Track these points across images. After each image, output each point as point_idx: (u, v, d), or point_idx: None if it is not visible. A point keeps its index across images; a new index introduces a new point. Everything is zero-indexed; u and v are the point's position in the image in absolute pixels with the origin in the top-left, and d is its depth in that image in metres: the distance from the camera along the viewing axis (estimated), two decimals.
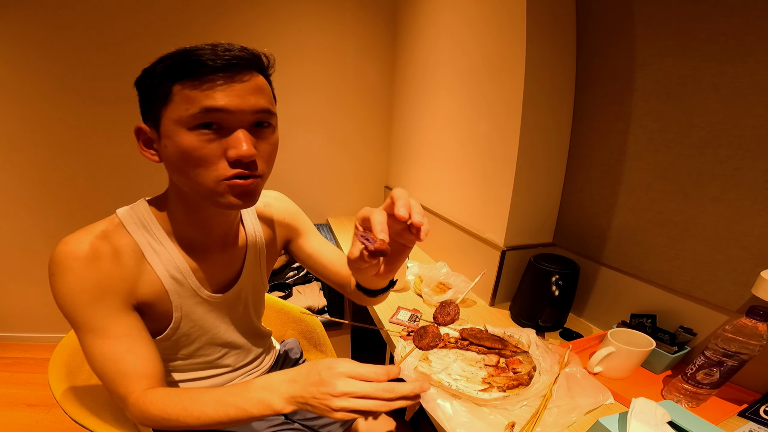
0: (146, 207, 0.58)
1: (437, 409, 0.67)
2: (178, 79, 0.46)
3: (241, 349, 0.74)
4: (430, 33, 1.41)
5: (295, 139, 1.82)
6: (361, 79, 1.81)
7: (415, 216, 0.43)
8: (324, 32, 1.69)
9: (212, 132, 0.47)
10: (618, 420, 0.60)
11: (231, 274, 0.68)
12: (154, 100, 0.49)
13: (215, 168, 0.49)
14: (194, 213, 0.58)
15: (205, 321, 0.65)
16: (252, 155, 0.48)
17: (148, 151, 0.53)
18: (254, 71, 0.50)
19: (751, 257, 0.72)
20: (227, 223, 0.63)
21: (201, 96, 0.46)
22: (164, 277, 0.57)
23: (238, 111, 0.47)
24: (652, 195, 0.88)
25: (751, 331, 0.64)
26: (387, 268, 0.53)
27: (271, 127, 0.53)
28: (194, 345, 0.66)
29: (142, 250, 0.56)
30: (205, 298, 0.63)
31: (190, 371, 0.69)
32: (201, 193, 0.51)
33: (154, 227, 0.57)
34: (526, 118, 0.94)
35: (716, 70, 0.73)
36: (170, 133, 0.48)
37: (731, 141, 0.73)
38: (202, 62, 0.45)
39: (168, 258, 0.58)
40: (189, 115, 0.46)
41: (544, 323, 0.96)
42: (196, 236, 0.60)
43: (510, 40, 0.96)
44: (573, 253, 1.07)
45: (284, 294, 1.50)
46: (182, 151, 0.48)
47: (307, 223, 0.80)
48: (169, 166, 0.52)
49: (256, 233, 0.71)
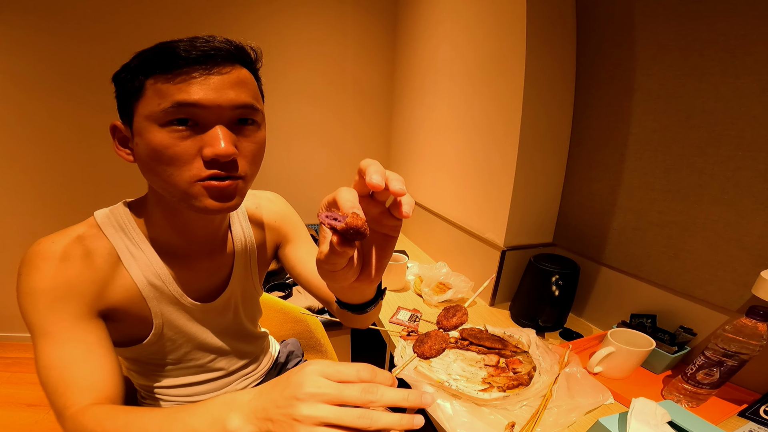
0: (125, 210, 0.56)
1: (437, 409, 0.67)
2: (152, 72, 0.43)
3: (233, 354, 0.71)
4: (430, 35, 1.41)
5: (293, 142, 1.82)
6: (360, 81, 1.81)
7: (394, 184, 0.32)
8: (323, 35, 1.69)
9: (187, 129, 0.44)
10: (618, 420, 0.60)
11: (218, 281, 0.64)
12: (127, 96, 0.46)
13: (188, 168, 0.45)
14: (173, 217, 0.54)
15: (189, 328, 0.62)
16: (230, 154, 0.45)
17: (123, 150, 0.50)
18: (236, 64, 0.46)
19: (751, 257, 0.72)
20: (211, 228, 0.59)
21: (173, 90, 0.43)
22: (141, 282, 0.54)
23: (214, 106, 0.44)
24: (653, 195, 0.88)
25: (751, 331, 0.64)
26: (368, 270, 0.40)
27: (256, 124, 0.49)
28: (182, 350, 0.63)
29: (118, 253, 0.53)
30: (189, 306, 0.60)
31: (182, 376, 0.67)
32: (174, 195, 0.47)
33: (133, 231, 0.55)
34: (525, 119, 0.94)
35: (716, 70, 0.73)
36: (141, 130, 0.45)
37: (731, 141, 0.73)
38: (176, 53, 0.42)
39: (146, 263, 0.55)
40: (160, 110, 0.43)
41: (544, 323, 0.96)
42: (178, 242, 0.57)
43: (510, 40, 0.95)
44: (573, 253, 1.07)
45: (284, 294, 1.50)
46: (152, 149, 0.44)
47: (298, 230, 0.73)
48: (141, 166, 0.49)
49: (246, 237, 0.66)
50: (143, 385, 0.67)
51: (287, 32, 1.65)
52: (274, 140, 1.75)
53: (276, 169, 1.84)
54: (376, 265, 0.40)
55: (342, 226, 0.30)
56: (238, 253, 0.65)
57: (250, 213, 0.68)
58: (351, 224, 0.30)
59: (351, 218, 0.30)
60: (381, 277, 0.42)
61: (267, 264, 0.73)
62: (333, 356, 1.03)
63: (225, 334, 0.68)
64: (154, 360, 0.63)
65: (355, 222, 0.30)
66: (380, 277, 0.42)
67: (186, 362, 0.65)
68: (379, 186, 0.31)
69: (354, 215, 0.30)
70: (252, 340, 0.76)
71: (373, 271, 0.40)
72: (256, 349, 0.78)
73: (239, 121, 0.47)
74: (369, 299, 0.50)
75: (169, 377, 0.66)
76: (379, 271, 0.40)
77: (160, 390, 0.66)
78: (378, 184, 0.31)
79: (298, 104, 1.77)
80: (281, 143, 1.80)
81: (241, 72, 0.46)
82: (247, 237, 0.66)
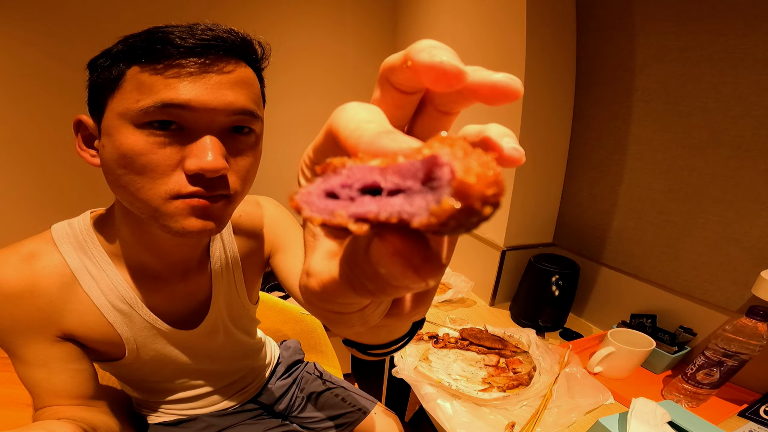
0: (87, 223, 0.49)
1: (437, 409, 0.67)
2: (136, 60, 0.36)
3: (227, 369, 0.66)
4: (431, 33, 1.41)
5: (291, 141, 1.82)
6: (361, 79, 1.80)
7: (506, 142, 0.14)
8: (323, 31, 1.68)
9: (168, 133, 0.37)
10: (618, 420, 0.60)
11: (197, 304, 0.57)
12: (101, 86, 0.38)
13: (165, 181, 0.37)
14: (143, 233, 0.46)
15: (170, 352, 0.55)
16: (219, 169, 0.37)
17: (87, 150, 0.43)
18: (240, 60, 0.39)
19: (751, 257, 0.72)
20: (188, 247, 0.50)
21: (161, 85, 0.35)
22: (104, 306, 0.48)
23: (206, 110, 0.36)
24: (652, 195, 0.88)
25: (751, 331, 0.64)
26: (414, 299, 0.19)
27: (253, 134, 0.42)
28: (166, 370, 0.58)
29: (75, 274, 0.46)
30: (166, 332, 0.53)
31: (174, 393, 0.62)
32: (143, 212, 0.39)
33: (94, 248, 0.47)
34: (525, 119, 0.94)
35: (716, 70, 0.73)
36: (111, 129, 0.37)
37: (731, 141, 0.73)
38: (168, 40, 0.35)
39: (108, 285, 0.48)
40: (139, 108, 0.35)
41: (544, 323, 0.96)
42: (148, 261, 0.49)
43: (510, 39, 0.95)
44: (573, 253, 1.07)
45: (284, 294, 1.50)
46: (122, 154, 0.36)
47: (290, 235, 0.61)
48: (106, 173, 0.40)
49: (228, 253, 0.57)
50: (135, 397, 0.65)
51: (285, 27, 1.64)
52: (271, 138, 1.75)
53: (274, 170, 1.83)
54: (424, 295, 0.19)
55: (442, 212, 0.10)
56: (217, 273, 0.57)
57: (234, 222, 0.59)
58: (475, 193, 0.10)
59: (477, 177, 0.10)
60: (428, 306, 0.19)
61: (259, 274, 0.65)
62: (333, 356, 1.03)
63: (217, 355, 0.62)
64: (138, 377, 0.59)
65: (482, 189, 0.10)
66: (426, 308, 0.19)
67: (174, 381, 0.61)
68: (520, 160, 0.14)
69: (486, 166, 0.11)
70: (249, 352, 0.71)
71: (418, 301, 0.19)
72: (254, 360, 0.73)
73: (234, 129, 0.40)
74: (396, 338, 0.29)
75: (159, 392, 0.62)
76: (426, 300, 0.19)
77: (153, 403, 0.64)
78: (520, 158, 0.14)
79: (297, 101, 1.75)
80: (279, 142, 1.80)
81: (244, 71, 0.39)
82: (229, 252, 0.58)
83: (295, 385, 0.80)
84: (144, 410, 0.66)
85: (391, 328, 0.24)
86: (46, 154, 1.65)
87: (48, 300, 0.45)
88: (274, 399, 0.76)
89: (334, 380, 0.83)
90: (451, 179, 0.10)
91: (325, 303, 0.16)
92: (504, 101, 0.14)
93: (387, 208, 0.11)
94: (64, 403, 0.48)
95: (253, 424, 0.69)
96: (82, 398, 0.49)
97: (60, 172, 1.68)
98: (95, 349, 0.51)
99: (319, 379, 0.82)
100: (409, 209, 0.11)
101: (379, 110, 0.15)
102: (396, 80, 0.15)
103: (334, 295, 0.15)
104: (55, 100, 1.57)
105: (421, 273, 0.11)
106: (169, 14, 1.51)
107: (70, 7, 1.46)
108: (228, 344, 0.63)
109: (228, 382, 0.68)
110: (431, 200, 0.10)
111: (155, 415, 0.65)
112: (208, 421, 0.66)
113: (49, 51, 1.50)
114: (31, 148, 1.63)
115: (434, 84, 0.14)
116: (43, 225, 0.51)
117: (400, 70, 0.14)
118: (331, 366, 1.00)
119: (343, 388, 0.81)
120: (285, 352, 0.86)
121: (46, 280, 0.45)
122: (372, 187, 0.12)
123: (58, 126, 1.61)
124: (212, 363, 0.63)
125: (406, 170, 0.11)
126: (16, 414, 1.56)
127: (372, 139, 0.12)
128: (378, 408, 0.78)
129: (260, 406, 0.74)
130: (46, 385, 0.47)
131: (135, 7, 1.49)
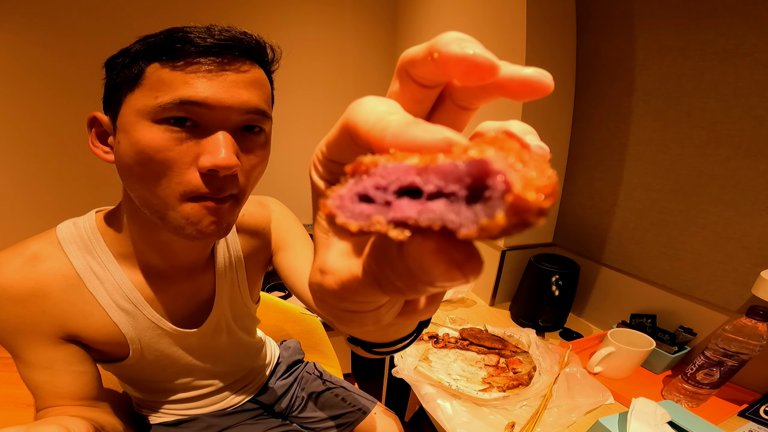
0: (92, 223, 0.49)
1: (437, 409, 0.67)
2: (156, 58, 0.37)
3: (229, 369, 0.67)
4: (431, 30, 1.41)
5: (292, 137, 1.81)
6: (362, 76, 1.80)
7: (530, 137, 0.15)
8: (323, 28, 1.68)
9: (184, 130, 0.38)
10: (618, 420, 0.60)
11: (200, 303, 0.58)
12: (119, 84, 0.40)
13: (179, 180, 0.38)
14: (152, 232, 0.47)
15: (174, 352, 0.56)
16: (232, 166, 0.38)
17: (101, 147, 0.44)
18: (255, 62, 0.41)
19: (751, 257, 0.72)
20: (196, 249, 0.52)
21: (179, 81, 0.37)
22: (109, 306, 0.48)
23: (221, 107, 0.38)
24: (653, 195, 0.88)
25: (751, 331, 0.64)
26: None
27: (263, 133, 0.43)
28: (169, 371, 0.58)
29: (81, 276, 0.47)
30: (171, 332, 0.54)
31: (175, 393, 0.63)
32: (156, 211, 0.40)
33: (99, 249, 0.48)
34: (525, 118, 0.94)
35: (716, 70, 0.73)
36: (128, 125, 0.38)
37: (731, 141, 0.73)
38: (188, 39, 0.36)
39: (113, 286, 0.49)
40: (157, 104, 0.36)
41: (544, 323, 0.96)
42: (155, 261, 0.50)
43: (510, 38, 0.95)
44: (573, 253, 1.07)
45: (284, 294, 1.50)
46: (140, 151, 0.37)
47: (292, 234, 0.63)
48: (121, 170, 0.41)
49: (231, 252, 0.59)
50: (136, 397, 0.65)
51: (285, 23, 1.64)
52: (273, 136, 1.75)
53: (275, 167, 1.84)
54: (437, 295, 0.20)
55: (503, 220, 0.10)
56: (221, 272, 0.58)
57: (237, 222, 0.60)
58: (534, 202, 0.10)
59: (544, 180, 0.10)
60: (438, 303, 0.20)
61: (261, 273, 0.66)
62: (333, 356, 1.03)
63: (220, 355, 0.63)
64: (141, 377, 0.59)
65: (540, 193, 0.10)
66: (436, 306, 0.20)
67: (176, 380, 0.61)
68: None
69: (543, 163, 0.11)
70: (250, 351, 0.72)
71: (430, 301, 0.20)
72: (254, 359, 0.74)
73: (245, 128, 0.41)
74: (402, 336, 0.28)
75: (160, 392, 0.63)
76: (436, 300, 0.20)
77: (154, 403, 0.64)
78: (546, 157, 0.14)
79: (297, 97, 1.75)
80: (279, 139, 1.79)
81: (258, 72, 0.41)
82: (232, 252, 0.59)
83: (296, 385, 0.80)
84: (145, 410, 0.66)
85: (399, 327, 0.24)
86: (50, 152, 1.65)
87: (52, 303, 0.46)
88: (274, 399, 0.76)
89: (334, 380, 0.83)
90: (506, 191, 0.09)
91: (341, 301, 0.15)
92: (533, 97, 0.14)
93: (428, 215, 0.10)
94: (67, 404, 0.48)
95: (254, 424, 0.70)
96: (86, 399, 0.50)
97: (64, 170, 1.68)
98: (99, 349, 0.52)
99: (319, 379, 0.82)
100: (455, 219, 0.10)
101: (397, 103, 0.15)
102: (417, 73, 0.14)
103: (353, 294, 0.15)
104: (58, 98, 1.57)
105: (465, 270, 0.11)
106: (170, 11, 1.51)
107: (74, 4, 1.45)
108: (230, 343, 0.64)
109: (229, 382, 0.68)
110: (481, 213, 0.10)
111: (156, 415, 0.65)
112: (208, 421, 0.66)
113: (53, 48, 1.50)
114: (35, 145, 1.63)
115: (464, 77, 0.13)
116: (47, 222, 0.51)
117: (422, 63, 0.14)
118: (331, 366, 1.00)
119: (343, 388, 0.81)
120: (285, 352, 0.86)
121: (51, 283, 0.46)
122: (408, 188, 0.11)
123: (62, 123, 1.61)
124: (214, 362, 0.63)
125: (449, 172, 0.10)
126: (16, 414, 1.56)
127: (400, 130, 0.12)
128: (378, 408, 0.79)
129: (260, 405, 0.74)
130: (50, 387, 0.48)
131: (135, 4, 1.49)
